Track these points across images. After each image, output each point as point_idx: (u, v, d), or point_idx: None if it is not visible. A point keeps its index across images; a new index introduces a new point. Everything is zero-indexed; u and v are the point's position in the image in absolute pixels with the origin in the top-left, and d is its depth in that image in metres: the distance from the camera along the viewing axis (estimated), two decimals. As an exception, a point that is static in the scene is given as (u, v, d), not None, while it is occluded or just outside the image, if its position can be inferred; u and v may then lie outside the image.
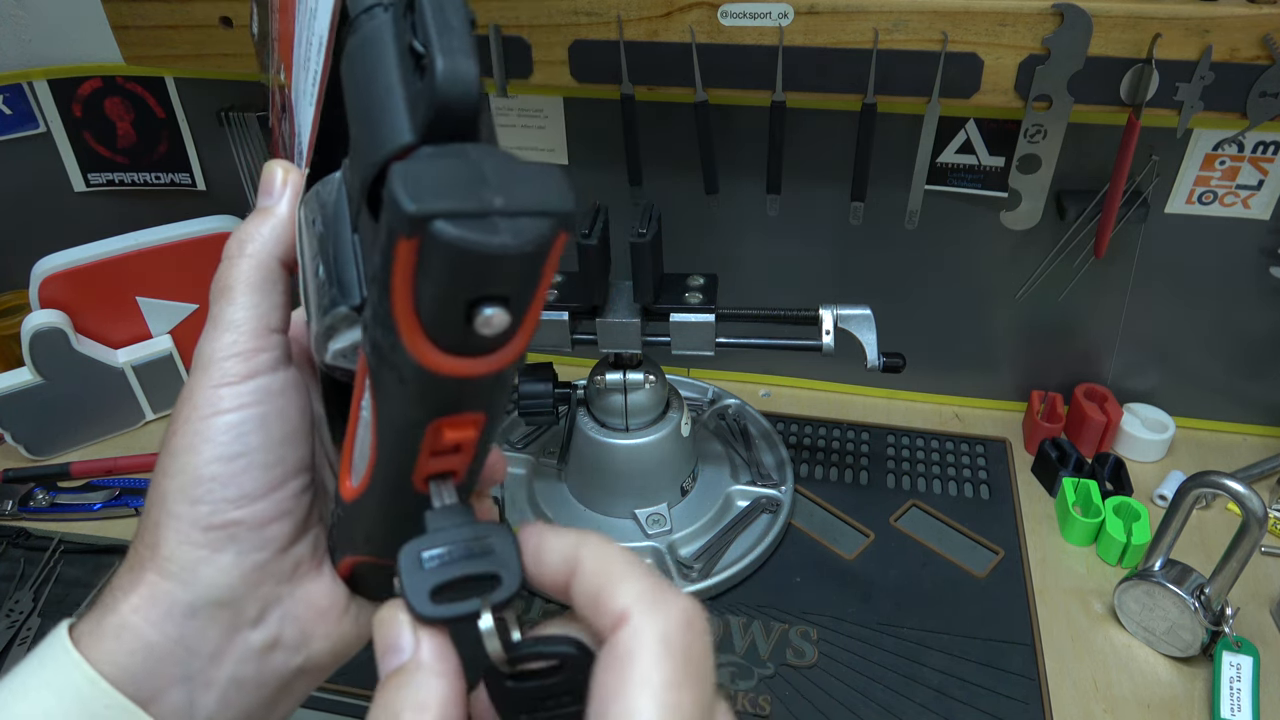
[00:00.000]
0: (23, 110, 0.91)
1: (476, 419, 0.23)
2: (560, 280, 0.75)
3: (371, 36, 0.23)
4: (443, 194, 0.18)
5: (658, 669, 0.21)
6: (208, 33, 0.79)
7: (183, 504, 0.27)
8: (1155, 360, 0.88)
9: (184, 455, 0.27)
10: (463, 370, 0.21)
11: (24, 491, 0.84)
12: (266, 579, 0.28)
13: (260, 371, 0.28)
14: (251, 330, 0.28)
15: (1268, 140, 0.73)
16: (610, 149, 0.83)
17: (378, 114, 0.22)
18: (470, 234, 0.18)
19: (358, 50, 0.23)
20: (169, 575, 0.27)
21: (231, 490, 0.27)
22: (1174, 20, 0.64)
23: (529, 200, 0.19)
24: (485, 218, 0.18)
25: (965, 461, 0.88)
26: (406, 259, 0.19)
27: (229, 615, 0.28)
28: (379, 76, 0.22)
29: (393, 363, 0.21)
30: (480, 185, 0.19)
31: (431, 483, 0.25)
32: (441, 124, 0.20)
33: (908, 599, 0.73)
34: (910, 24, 0.67)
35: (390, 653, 0.23)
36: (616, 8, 0.71)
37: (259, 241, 0.29)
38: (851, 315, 0.72)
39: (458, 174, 0.19)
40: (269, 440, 0.28)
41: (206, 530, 0.27)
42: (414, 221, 0.18)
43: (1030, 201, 0.77)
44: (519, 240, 0.18)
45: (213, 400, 0.28)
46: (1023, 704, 0.65)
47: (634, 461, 0.77)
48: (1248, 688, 0.64)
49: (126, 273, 0.89)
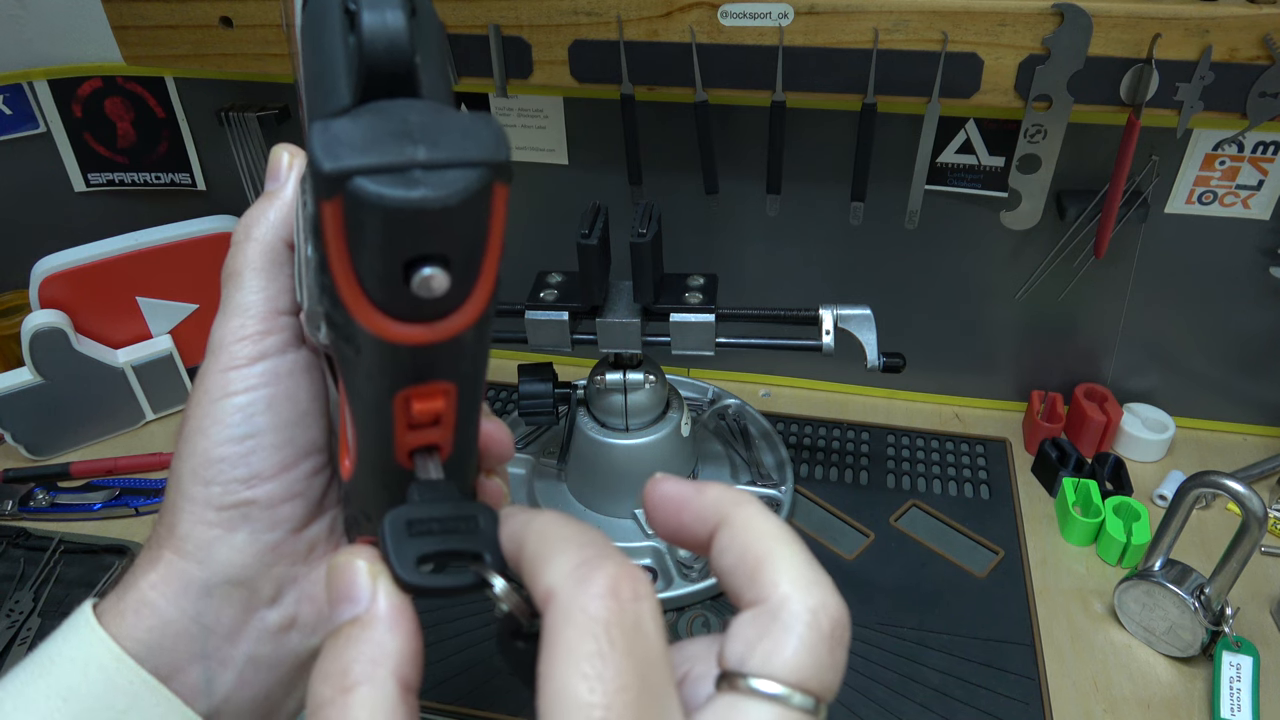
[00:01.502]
0: (23, 110, 0.91)
1: (445, 389, 0.22)
2: (560, 280, 0.75)
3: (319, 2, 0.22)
4: (360, 150, 0.17)
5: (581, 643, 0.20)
6: (208, 33, 0.79)
7: (196, 485, 0.28)
8: (1155, 360, 0.88)
9: (196, 438, 0.28)
10: (414, 337, 0.20)
11: (24, 491, 0.84)
12: (281, 559, 0.29)
13: (268, 354, 0.28)
14: (259, 314, 0.28)
15: (1268, 140, 0.73)
16: (610, 149, 0.83)
17: (322, 81, 0.21)
18: (388, 189, 0.17)
19: (309, 17, 0.22)
20: (185, 554, 0.28)
21: (241, 470, 0.28)
22: (1174, 20, 0.64)
23: (455, 151, 0.18)
24: (405, 171, 0.17)
25: (965, 461, 0.88)
26: (334, 221, 0.18)
27: (244, 594, 0.28)
28: (324, 41, 0.21)
29: (346, 334, 0.20)
30: (402, 139, 0.18)
31: (416, 457, 0.24)
32: (374, 83, 0.20)
33: (908, 599, 0.73)
34: (910, 24, 0.67)
35: (345, 602, 0.22)
36: (616, 8, 0.71)
37: (264, 225, 0.29)
38: (851, 315, 0.72)
39: (379, 130, 0.18)
40: (278, 421, 0.28)
41: (220, 510, 0.28)
42: (331, 180, 0.17)
43: (1030, 201, 0.77)
44: (444, 192, 0.18)
45: (222, 384, 0.28)
46: (1023, 704, 0.65)
47: (634, 461, 0.77)
48: (1248, 688, 0.64)
49: (126, 273, 0.89)
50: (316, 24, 0.22)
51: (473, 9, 0.73)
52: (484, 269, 0.20)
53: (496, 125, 0.19)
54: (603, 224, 0.70)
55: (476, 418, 0.25)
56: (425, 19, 0.22)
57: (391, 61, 0.19)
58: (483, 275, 0.20)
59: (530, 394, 0.76)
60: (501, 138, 0.19)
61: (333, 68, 0.21)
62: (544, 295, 0.73)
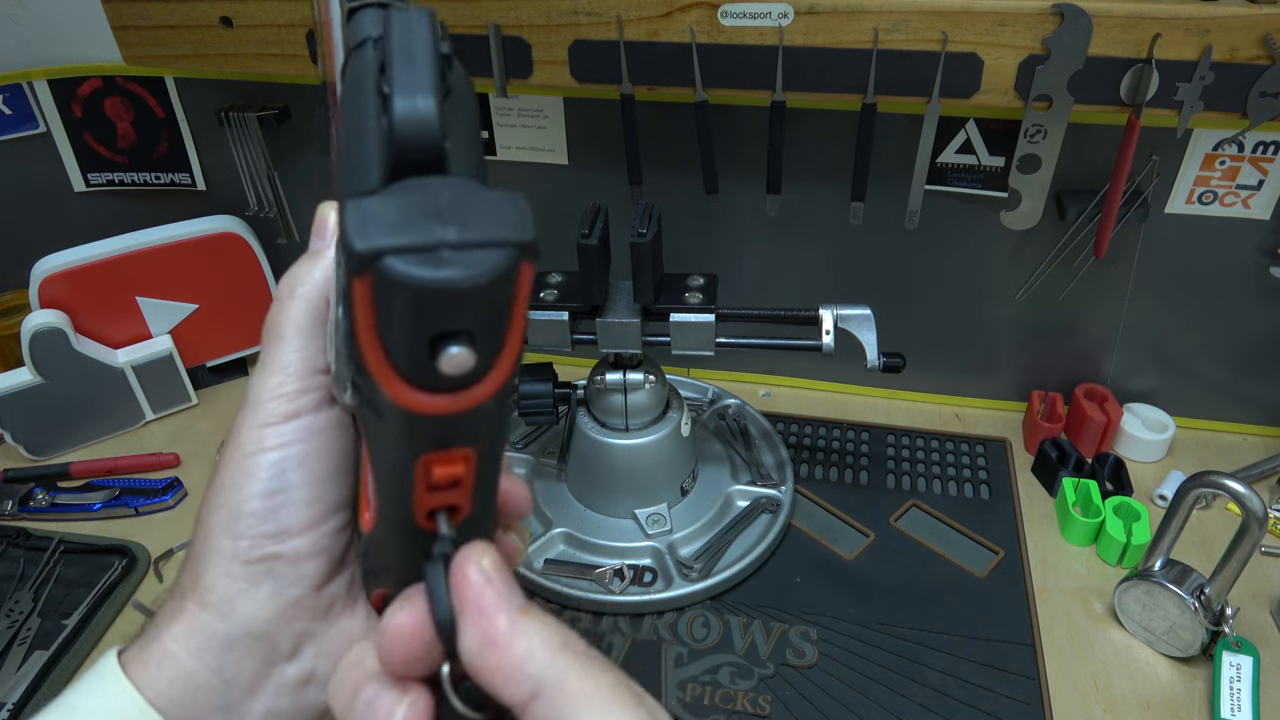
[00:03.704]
0: (23, 110, 0.91)
1: (466, 454, 0.23)
2: (560, 280, 0.75)
3: (356, 74, 0.23)
4: (392, 230, 0.18)
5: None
6: (207, 33, 0.79)
7: (224, 538, 0.28)
8: (1155, 360, 0.88)
9: (226, 491, 0.28)
10: (437, 407, 0.20)
11: (24, 491, 0.84)
12: (301, 614, 0.29)
13: (303, 411, 0.29)
14: (297, 373, 0.29)
15: (1268, 140, 0.73)
16: (610, 149, 0.83)
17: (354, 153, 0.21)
18: (418, 269, 0.18)
19: (347, 90, 0.23)
20: (208, 606, 0.28)
21: (270, 525, 0.28)
22: (1174, 20, 0.64)
23: (484, 231, 0.18)
24: (434, 251, 0.18)
25: (965, 461, 0.88)
26: (364, 297, 0.18)
27: (265, 648, 0.28)
28: (358, 117, 0.22)
29: (371, 401, 0.21)
30: (432, 218, 0.18)
31: (439, 517, 0.24)
32: (403, 164, 0.20)
33: (907, 599, 0.73)
34: (910, 24, 0.67)
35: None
36: (616, 8, 0.71)
37: (309, 284, 0.30)
38: (851, 315, 0.72)
39: (409, 209, 0.18)
40: (309, 477, 0.28)
41: (245, 564, 0.28)
42: (363, 259, 0.18)
43: (1030, 201, 0.77)
44: (472, 272, 0.18)
45: (256, 439, 0.28)
46: (1023, 704, 0.65)
47: (634, 461, 0.77)
48: (1248, 688, 0.64)
49: (126, 273, 0.89)
50: (353, 96, 0.22)
51: (473, 9, 0.73)
52: (507, 342, 0.20)
53: (524, 204, 0.20)
54: (603, 224, 0.70)
55: (496, 479, 0.26)
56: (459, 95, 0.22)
57: (422, 148, 0.20)
58: (506, 348, 0.20)
59: (530, 394, 0.76)
60: (528, 217, 0.19)
61: (364, 143, 0.21)
62: (544, 295, 0.73)
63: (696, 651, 0.70)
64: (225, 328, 0.97)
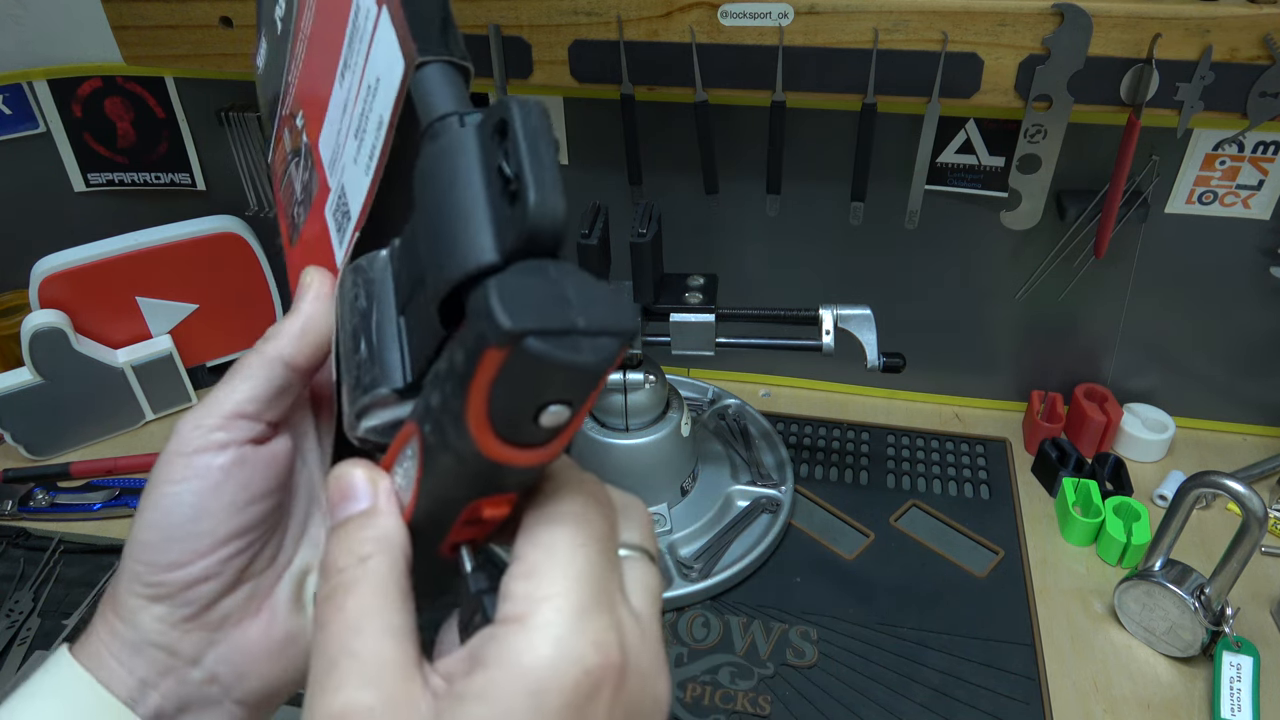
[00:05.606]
0: (23, 110, 0.91)
1: (511, 498, 0.25)
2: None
3: (452, 148, 0.24)
4: (534, 312, 0.20)
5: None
6: (207, 33, 0.79)
7: (129, 559, 0.31)
8: (1155, 360, 0.88)
9: (137, 515, 0.32)
10: (521, 460, 0.23)
11: (24, 491, 0.84)
12: (197, 628, 0.32)
13: (207, 449, 0.31)
14: (221, 413, 0.31)
15: (1268, 140, 0.73)
16: (610, 149, 0.83)
17: (458, 227, 0.23)
18: (557, 350, 0.20)
19: (436, 158, 0.25)
20: (121, 616, 0.31)
21: (160, 556, 0.31)
22: (1174, 20, 0.64)
23: (604, 320, 0.21)
24: (568, 335, 0.20)
25: (965, 461, 0.88)
26: (491, 365, 0.21)
27: (166, 656, 0.31)
28: (460, 191, 0.24)
29: (456, 450, 0.23)
30: (565, 305, 0.21)
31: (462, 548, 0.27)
32: (528, 249, 0.22)
33: (907, 599, 0.73)
34: (910, 24, 0.67)
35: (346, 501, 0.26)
36: (616, 8, 0.71)
37: (279, 340, 0.32)
38: (851, 315, 0.72)
39: (545, 293, 0.21)
40: (196, 514, 0.31)
41: (144, 585, 0.31)
42: (509, 335, 0.20)
43: (1030, 201, 0.77)
44: (597, 357, 0.21)
45: (166, 470, 0.31)
46: (1023, 704, 0.65)
47: (634, 461, 0.77)
48: (1248, 688, 0.64)
49: (126, 273, 0.89)
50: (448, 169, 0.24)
51: (473, 9, 0.73)
52: (589, 406, 0.23)
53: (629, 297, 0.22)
54: (603, 224, 0.70)
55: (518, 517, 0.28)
56: None
57: (550, 239, 0.22)
58: (585, 410, 0.23)
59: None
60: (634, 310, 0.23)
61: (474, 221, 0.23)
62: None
63: (696, 651, 0.70)
64: (225, 328, 0.97)
